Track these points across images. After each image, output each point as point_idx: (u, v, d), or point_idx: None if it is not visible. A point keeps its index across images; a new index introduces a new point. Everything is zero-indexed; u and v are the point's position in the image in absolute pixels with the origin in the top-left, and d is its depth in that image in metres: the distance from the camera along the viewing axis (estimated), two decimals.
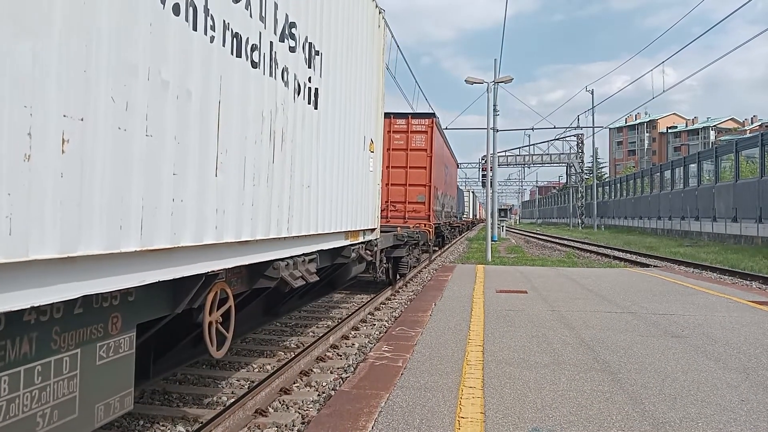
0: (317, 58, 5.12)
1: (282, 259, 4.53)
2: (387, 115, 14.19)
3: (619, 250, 25.80)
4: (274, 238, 4.26)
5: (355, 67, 6.55)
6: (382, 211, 14.07)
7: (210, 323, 3.72)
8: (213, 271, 3.41)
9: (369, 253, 7.48)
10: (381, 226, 11.81)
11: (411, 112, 15.82)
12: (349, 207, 6.33)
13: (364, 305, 9.23)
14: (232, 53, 3.53)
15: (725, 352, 5.55)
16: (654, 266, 17.27)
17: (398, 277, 11.62)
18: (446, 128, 29.31)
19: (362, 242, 7.17)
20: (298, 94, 4.67)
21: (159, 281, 2.91)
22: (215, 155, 3.31)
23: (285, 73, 4.36)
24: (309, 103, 4.95)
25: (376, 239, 7.87)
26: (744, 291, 10.55)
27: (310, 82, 4.93)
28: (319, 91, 5.20)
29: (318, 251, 5.43)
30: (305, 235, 4.97)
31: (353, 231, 6.62)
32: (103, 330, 2.78)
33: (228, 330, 3.98)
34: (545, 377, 4.63)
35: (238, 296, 4.41)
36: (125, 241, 2.59)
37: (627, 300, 8.87)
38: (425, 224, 13.89)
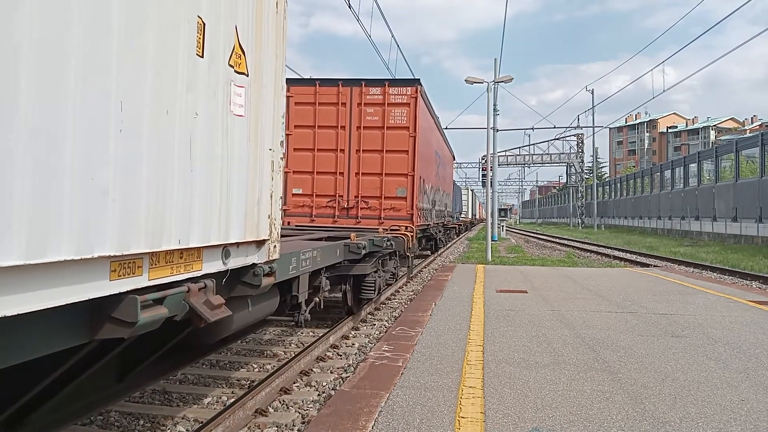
0: None
1: None
2: (358, 81, 11.07)
3: (619, 249, 25.82)
4: None
5: None
6: (350, 209, 10.91)
7: None
8: None
9: (215, 304, 2.96)
10: (351, 228, 9.47)
11: (389, 78, 11.80)
12: (135, 191, 2.38)
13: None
14: None
15: (725, 351, 5.55)
16: (654, 266, 17.27)
17: (363, 302, 8.36)
18: (446, 128, 29.05)
19: (211, 274, 3.07)
20: None
21: None
22: None
23: None
24: None
25: (268, 262, 3.71)
26: (744, 291, 10.55)
27: None
28: None
29: None
30: None
31: (167, 252, 2.65)
32: None
33: None
34: (545, 377, 4.63)
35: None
36: None
37: (627, 300, 8.87)
38: (407, 226, 10.86)
